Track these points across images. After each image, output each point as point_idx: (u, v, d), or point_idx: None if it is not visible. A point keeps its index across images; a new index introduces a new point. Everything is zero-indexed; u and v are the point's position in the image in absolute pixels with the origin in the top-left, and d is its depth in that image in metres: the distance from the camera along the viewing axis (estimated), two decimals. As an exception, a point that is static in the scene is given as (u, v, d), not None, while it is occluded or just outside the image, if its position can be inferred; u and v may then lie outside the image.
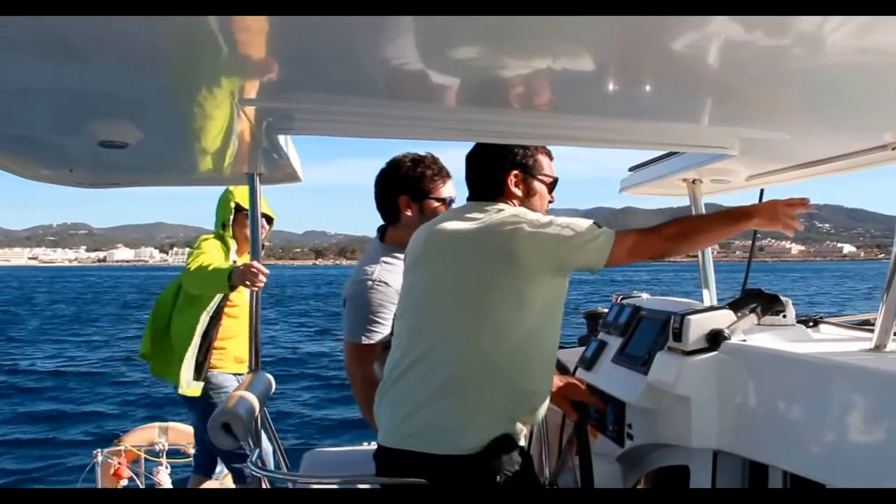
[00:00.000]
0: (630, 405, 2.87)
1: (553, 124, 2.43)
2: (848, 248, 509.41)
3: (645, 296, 3.69)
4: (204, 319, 4.30)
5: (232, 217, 4.43)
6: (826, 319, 3.02)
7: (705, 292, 3.56)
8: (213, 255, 4.22)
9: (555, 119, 2.38)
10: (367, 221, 2.64)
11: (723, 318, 2.52)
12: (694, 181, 3.36)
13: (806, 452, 2.06)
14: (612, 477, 2.99)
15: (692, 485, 2.61)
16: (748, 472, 2.47)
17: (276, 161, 2.99)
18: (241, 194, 4.38)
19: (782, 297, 2.76)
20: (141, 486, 5.17)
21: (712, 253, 3.63)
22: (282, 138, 2.71)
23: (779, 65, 1.76)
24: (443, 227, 2.49)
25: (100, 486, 5.09)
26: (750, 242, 3.71)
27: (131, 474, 5.21)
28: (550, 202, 2.71)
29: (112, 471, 5.16)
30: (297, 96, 2.10)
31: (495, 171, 2.58)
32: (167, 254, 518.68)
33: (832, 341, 2.63)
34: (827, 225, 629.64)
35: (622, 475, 3.03)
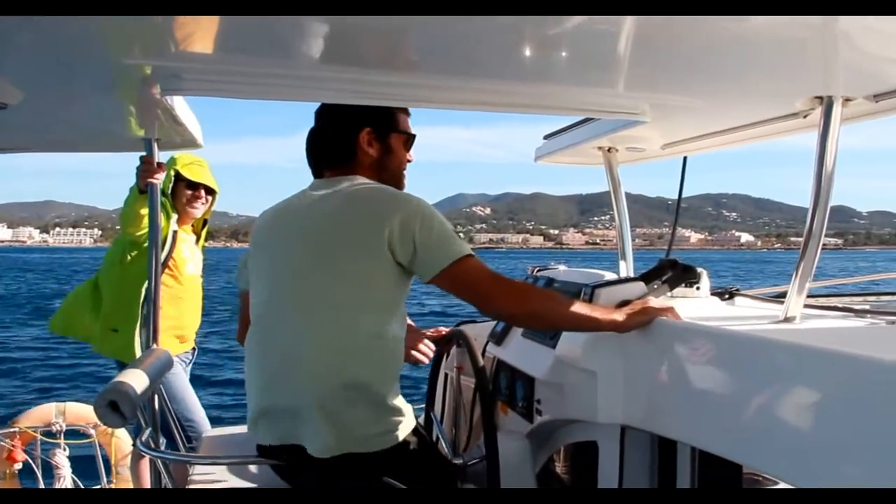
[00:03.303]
0: (539, 380, 2.78)
1: (459, 87, 2.29)
2: (746, 238, 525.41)
3: (562, 268, 3.61)
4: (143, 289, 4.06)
5: (171, 186, 4.21)
6: (742, 292, 2.97)
7: (622, 264, 3.50)
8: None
9: (461, 83, 2.24)
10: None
11: (634, 290, 2.44)
12: (609, 150, 3.28)
13: (712, 427, 1.99)
14: (520, 454, 2.90)
15: (600, 461, 2.53)
16: (657, 448, 2.41)
17: (173, 125, 2.83)
18: (183, 163, 4.18)
19: (697, 269, 2.70)
20: (37, 470, 4.94)
21: (612, 241, 3.57)
22: (177, 101, 2.56)
23: (687, 31, 1.68)
24: (299, 207, 2.34)
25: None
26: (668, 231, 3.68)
27: (26, 457, 4.96)
28: (409, 161, 2.53)
29: (5, 454, 4.92)
30: (183, 54, 1.94)
31: (345, 129, 2.39)
32: (48, 234, 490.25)
33: (745, 314, 2.57)
34: (734, 214, 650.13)
35: (531, 452, 2.95)
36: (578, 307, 2.28)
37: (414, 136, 2.51)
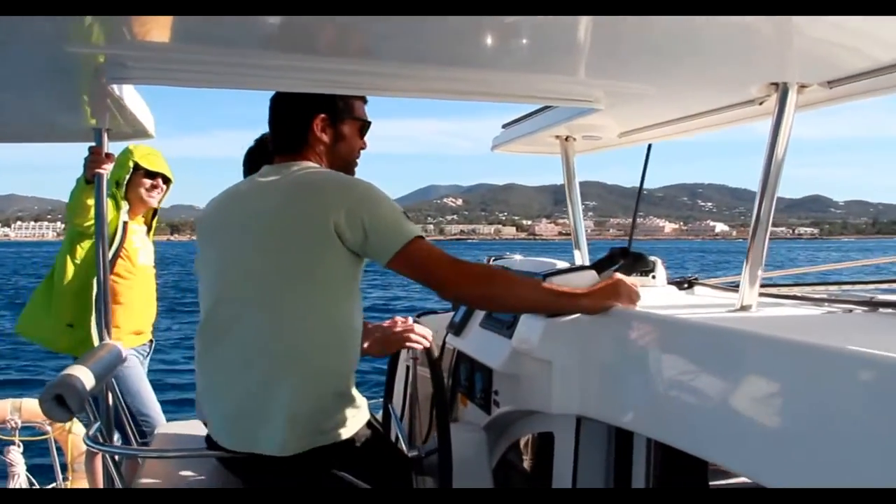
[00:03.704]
0: (496, 371, 2.75)
1: (410, 76, 2.25)
2: (721, 227, 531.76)
3: (518, 257, 3.58)
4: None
5: (128, 177, 4.18)
6: (701, 281, 2.95)
7: (576, 253, 3.47)
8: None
9: (412, 70, 2.20)
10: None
11: (585, 279, 2.41)
12: (567, 138, 3.25)
13: (667, 418, 1.97)
14: (476, 446, 2.88)
15: (556, 452, 2.51)
16: (614, 439, 2.39)
17: (123, 116, 2.76)
18: (140, 154, 4.18)
19: (651, 258, 2.68)
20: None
21: (586, 231, 3.55)
22: (127, 90, 2.50)
23: (639, 18, 1.65)
24: (246, 196, 2.30)
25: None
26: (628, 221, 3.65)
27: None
28: (362, 148, 2.49)
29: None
30: (129, 43, 1.90)
31: (299, 115, 2.34)
32: (10, 227, 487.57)
33: (701, 303, 2.55)
34: (709, 204, 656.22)
35: (489, 444, 2.92)
36: (541, 288, 2.27)
37: (369, 123, 2.47)
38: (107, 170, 3.22)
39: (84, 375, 2.49)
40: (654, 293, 2.59)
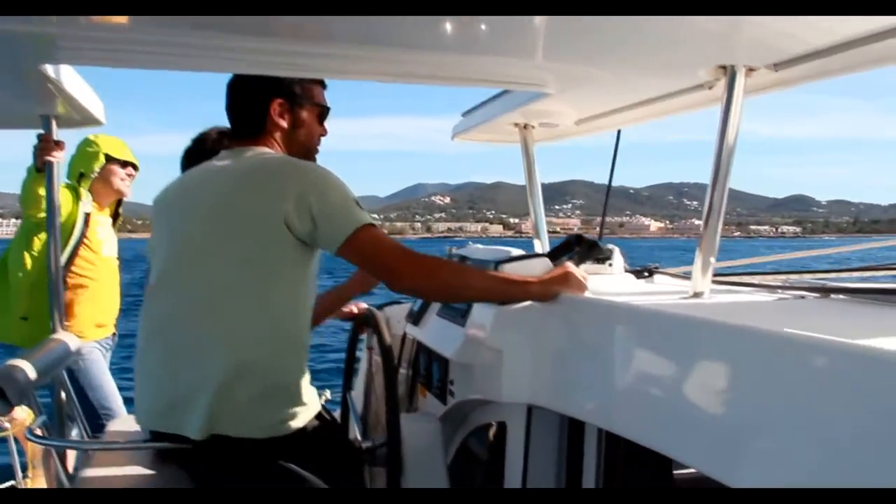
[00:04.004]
0: (452, 361, 2.71)
1: (363, 58, 2.20)
2: None
3: (479, 246, 3.55)
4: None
5: (99, 168, 4.16)
6: (661, 270, 2.92)
7: (536, 243, 3.44)
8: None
9: (365, 52, 2.16)
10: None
11: (538, 266, 2.37)
12: (525, 126, 3.21)
13: (615, 407, 1.93)
14: (430, 437, 2.84)
15: (508, 442, 2.48)
16: (566, 428, 2.36)
17: (70, 101, 2.71)
18: (109, 145, 4.19)
19: (608, 246, 2.65)
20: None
21: (573, 229, 3.51)
22: (67, 75, 2.46)
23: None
24: (199, 180, 2.25)
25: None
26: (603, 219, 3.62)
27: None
28: (322, 135, 2.44)
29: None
30: (60, 20, 1.83)
31: (256, 99, 2.30)
32: None
33: (656, 290, 2.53)
34: (695, 202, 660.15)
35: (445, 434, 2.88)
36: (491, 278, 2.25)
37: (328, 108, 2.43)
38: (57, 158, 3.16)
39: (26, 367, 2.45)
40: (609, 280, 2.56)
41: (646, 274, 2.87)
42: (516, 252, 2.76)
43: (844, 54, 1.93)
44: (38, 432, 2.66)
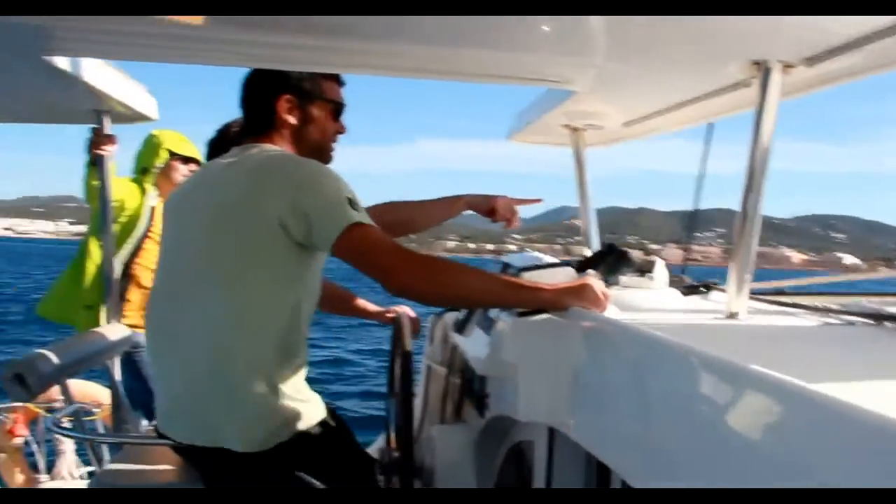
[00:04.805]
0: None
1: (364, 50, 2.14)
2: (850, 259, 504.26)
3: (526, 254, 3.43)
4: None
5: (161, 163, 4.19)
6: (719, 287, 2.71)
7: (586, 252, 3.26)
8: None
9: (366, 45, 2.10)
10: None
11: (559, 276, 2.23)
12: (576, 129, 3.07)
13: (623, 445, 1.69)
14: (461, 449, 2.74)
15: (534, 465, 2.35)
16: (593, 459, 2.18)
17: (120, 97, 2.78)
18: (171, 140, 4.19)
19: (649, 258, 2.49)
20: (38, 449, 4.94)
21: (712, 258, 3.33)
22: (119, 71, 2.59)
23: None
24: (206, 177, 2.21)
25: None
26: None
27: (28, 433, 4.98)
28: (339, 132, 2.34)
29: (6, 428, 4.95)
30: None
31: (265, 95, 2.23)
32: None
33: (697, 308, 2.33)
34: (841, 235, 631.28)
35: (484, 449, 2.77)
36: (497, 280, 2.12)
37: (342, 104, 2.34)
38: (108, 151, 3.24)
39: (52, 357, 2.50)
40: (645, 294, 2.40)
41: (702, 289, 2.68)
42: (549, 260, 2.63)
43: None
44: (66, 423, 2.71)
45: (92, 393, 5.01)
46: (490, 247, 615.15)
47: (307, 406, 2.11)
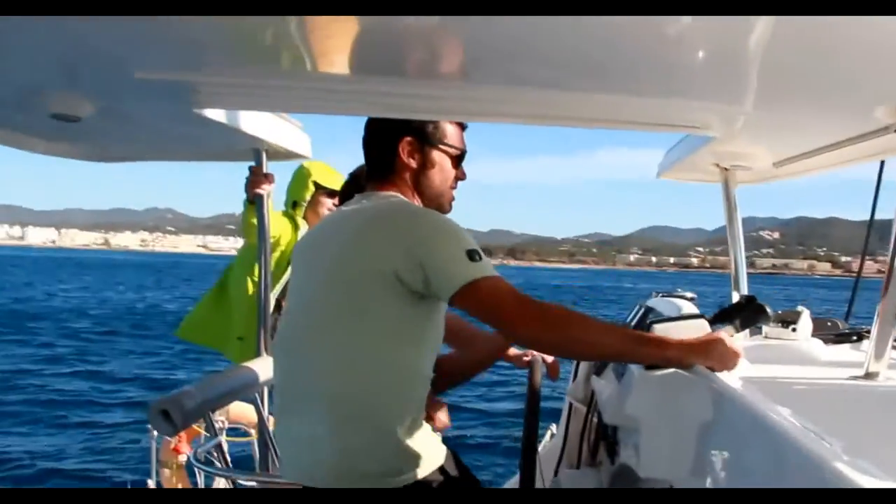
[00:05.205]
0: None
1: (488, 98, 2.14)
2: None
3: (688, 295, 3.29)
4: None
5: (310, 196, 4.25)
6: None
7: (734, 294, 3.09)
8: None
9: (492, 93, 2.09)
10: (552, 222, 2.22)
11: (693, 330, 2.11)
12: (726, 168, 2.92)
13: None
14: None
15: None
16: None
17: (278, 136, 2.90)
18: (318, 172, 4.21)
19: (796, 309, 2.34)
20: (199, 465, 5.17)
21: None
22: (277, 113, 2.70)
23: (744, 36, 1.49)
24: (330, 224, 2.23)
25: (155, 461, 5.18)
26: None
27: (191, 451, 5.22)
28: (459, 178, 2.31)
29: (172, 446, 5.21)
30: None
31: (385, 138, 2.22)
32: None
33: (828, 362, 2.15)
34: None
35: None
36: (622, 334, 2.04)
37: (463, 151, 2.31)
38: (266, 190, 3.32)
39: (198, 394, 2.59)
40: (789, 347, 2.26)
41: (853, 338, 2.49)
42: (689, 310, 2.51)
43: None
44: (198, 456, 2.79)
45: (249, 415, 5.22)
46: (672, 260, 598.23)
47: (424, 454, 2.08)
